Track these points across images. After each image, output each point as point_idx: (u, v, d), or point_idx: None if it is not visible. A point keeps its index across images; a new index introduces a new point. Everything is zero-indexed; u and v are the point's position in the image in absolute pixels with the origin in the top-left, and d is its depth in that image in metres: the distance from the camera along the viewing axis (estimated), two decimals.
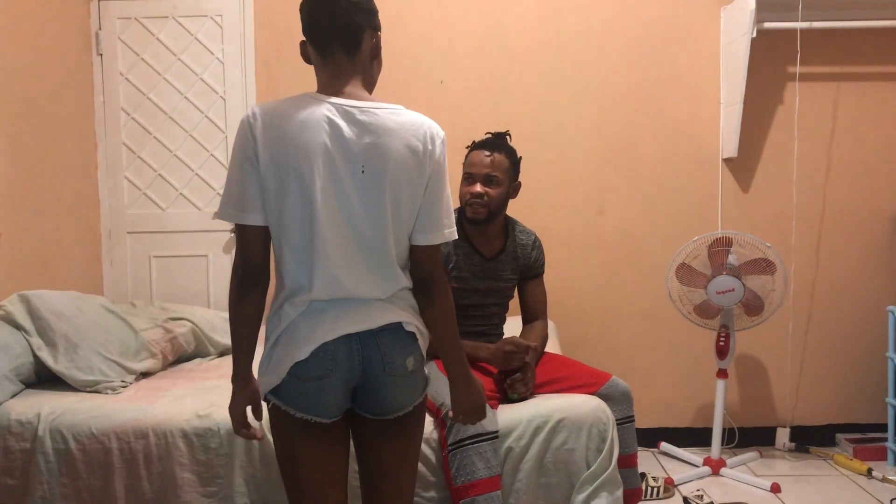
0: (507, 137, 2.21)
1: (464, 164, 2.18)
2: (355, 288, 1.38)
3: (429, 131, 1.41)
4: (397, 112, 1.40)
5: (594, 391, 2.09)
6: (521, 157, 2.22)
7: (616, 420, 2.05)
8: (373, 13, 1.42)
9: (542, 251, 2.32)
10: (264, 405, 1.46)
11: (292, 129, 1.32)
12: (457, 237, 1.51)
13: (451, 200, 1.50)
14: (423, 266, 1.45)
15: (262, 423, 1.52)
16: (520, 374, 2.04)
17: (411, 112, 1.42)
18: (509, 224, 2.28)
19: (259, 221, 1.35)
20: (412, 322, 1.43)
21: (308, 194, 1.32)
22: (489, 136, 2.20)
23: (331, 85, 1.39)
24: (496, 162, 2.12)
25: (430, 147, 1.40)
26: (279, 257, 1.39)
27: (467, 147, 2.21)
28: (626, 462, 2.12)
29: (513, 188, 2.20)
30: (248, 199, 1.34)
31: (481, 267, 2.18)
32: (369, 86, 1.45)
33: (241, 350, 1.42)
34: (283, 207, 1.33)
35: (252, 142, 1.32)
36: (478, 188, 2.10)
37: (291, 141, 1.31)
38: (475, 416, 1.58)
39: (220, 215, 1.37)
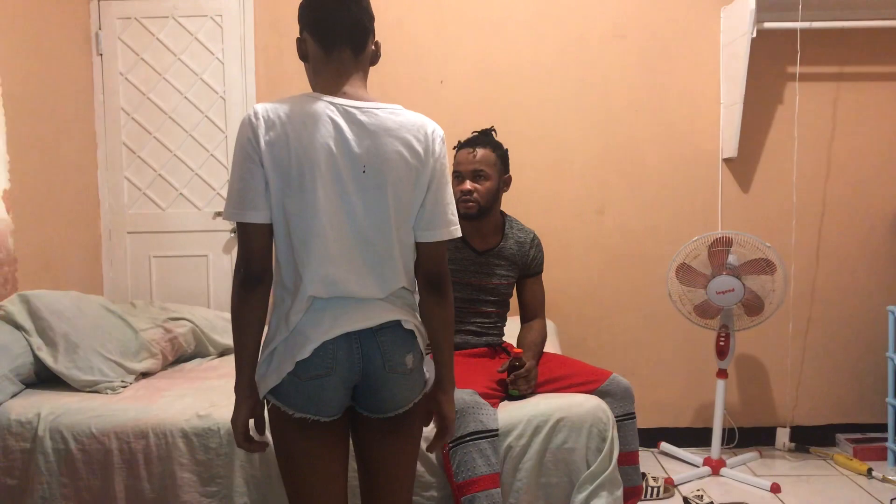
0: (493, 133, 2.25)
1: (452, 164, 2.20)
2: (355, 286, 1.38)
3: (429, 130, 1.42)
4: (397, 112, 1.41)
5: (595, 388, 2.10)
6: (507, 150, 2.24)
7: (617, 417, 2.06)
8: (374, 20, 1.46)
9: (541, 250, 2.31)
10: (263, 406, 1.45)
11: (294, 129, 1.33)
12: (461, 235, 1.51)
13: (454, 198, 1.50)
14: (428, 263, 1.46)
15: (266, 434, 1.48)
16: (523, 371, 2.04)
17: (410, 112, 1.43)
18: (507, 222, 2.29)
19: (261, 219, 1.35)
20: (411, 320, 1.44)
21: (310, 193, 1.32)
22: (475, 133, 2.24)
23: (333, 84, 1.40)
24: (481, 157, 2.16)
25: (430, 146, 1.41)
26: (280, 256, 1.40)
27: (454, 148, 2.22)
28: (628, 459, 2.12)
29: (503, 181, 2.22)
30: (250, 197, 1.34)
31: (473, 261, 2.19)
32: (366, 87, 1.46)
33: (245, 357, 1.39)
34: (284, 206, 1.34)
35: (254, 141, 1.32)
36: (467, 185, 2.14)
37: (293, 140, 1.32)
38: (452, 429, 1.55)
39: (225, 215, 1.38)
